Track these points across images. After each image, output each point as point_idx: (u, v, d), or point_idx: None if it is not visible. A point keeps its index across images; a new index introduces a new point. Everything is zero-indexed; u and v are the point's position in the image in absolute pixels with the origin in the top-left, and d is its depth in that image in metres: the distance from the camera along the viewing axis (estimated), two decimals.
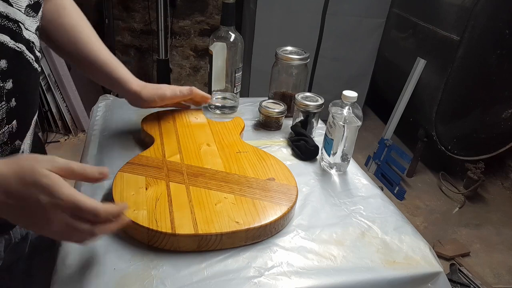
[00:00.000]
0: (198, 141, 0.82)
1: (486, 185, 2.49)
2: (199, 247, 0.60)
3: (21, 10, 0.55)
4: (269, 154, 0.80)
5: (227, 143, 0.83)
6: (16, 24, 0.54)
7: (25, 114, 0.60)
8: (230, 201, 0.66)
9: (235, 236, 0.61)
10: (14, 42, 0.54)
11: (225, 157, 0.78)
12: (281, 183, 0.72)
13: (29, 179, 0.46)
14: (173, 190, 0.67)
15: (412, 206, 2.26)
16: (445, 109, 2.19)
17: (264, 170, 0.75)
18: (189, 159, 0.76)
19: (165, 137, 0.82)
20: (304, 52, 1.01)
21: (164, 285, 0.55)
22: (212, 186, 0.69)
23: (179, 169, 0.72)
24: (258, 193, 0.68)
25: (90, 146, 0.85)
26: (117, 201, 0.63)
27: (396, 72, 2.57)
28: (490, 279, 1.82)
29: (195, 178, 0.71)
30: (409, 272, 0.62)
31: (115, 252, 0.59)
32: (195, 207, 0.64)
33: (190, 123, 0.89)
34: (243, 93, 1.27)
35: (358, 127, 0.80)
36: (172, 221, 0.60)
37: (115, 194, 0.65)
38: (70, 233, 0.49)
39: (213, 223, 0.61)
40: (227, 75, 0.98)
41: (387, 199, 0.79)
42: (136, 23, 2.97)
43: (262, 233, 0.63)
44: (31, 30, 0.58)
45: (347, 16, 2.47)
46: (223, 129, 0.88)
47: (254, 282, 0.57)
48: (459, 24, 2.00)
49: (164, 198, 0.65)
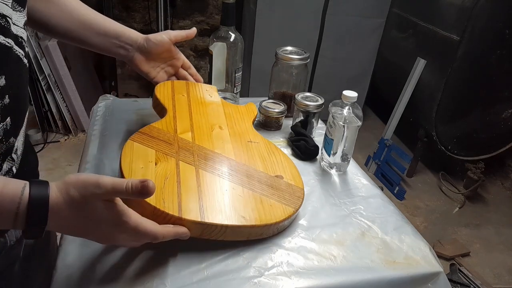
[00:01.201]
0: (211, 121, 0.81)
1: (486, 185, 2.49)
2: (202, 234, 0.59)
3: (8, 5, 0.54)
4: (280, 150, 0.79)
5: (239, 129, 0.81)
6: (4, 19, 0.53)
7: (18, 110, 0.60)
8: (238, 192, 0.65)
9: (239, 230, 0.61)
10: (4, 38, 0.53)
11: (236, 144, 0.76)
12: (289, 182, 0.71)
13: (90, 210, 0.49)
14: (182, 171, 0.65)
15: (412, 206, 2.26)
16: (445, 109, 2.19)
17: (273, 166, 0.73)
18: (201, 140, 0.74)
19: (178, 110, 0.80)
20: (304, 52, 1.01)
21: (164, 285, 0.55)
22: (221, 174, 0.68)
23: (190, 149, 0.71)
24: (266, 190, 0.67)
25: (90, 146, 0.85)
26: (126, 172, 0.62)
27: (396, 72, 2.57)
28: (490, 279, 1.82)
29: (205, 161, 0.69)
30: (409, 272, 0.62)
31: (115, 252, 0.59)
32: (203, 192, 0.63)
33: (204, 100, 0.87)
34: (243, 93, 1.27)
35: (358, 127, 0.80)
36: (179, 204, 0.59)
37: (124, 165, 0.63)
38: (128, 245, 0.57)
39: (220, 213, 0.60)
40: (227, 75, 0.98)
41: (387, 199, 0.79)
42: (136, 23, 2.97)
43: (265, 232, 0.63)
44: (19, 25, 0.57)
45: (347, 16, 2.47)
46: (236, 113, 0.86)
47: (254, 282, 0.57)
48: (459, 24, 2.00)
49: (173, 177, 0.63)
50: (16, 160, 0.63)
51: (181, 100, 0.84)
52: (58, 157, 2.30)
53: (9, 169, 0.61)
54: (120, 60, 0.82)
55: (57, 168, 2.21)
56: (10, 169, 0.61)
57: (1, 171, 0.59)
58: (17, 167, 0.63)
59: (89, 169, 0.78)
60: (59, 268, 0.57)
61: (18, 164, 0.63)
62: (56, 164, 2.24)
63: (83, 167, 0.79)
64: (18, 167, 0.63)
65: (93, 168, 0.78)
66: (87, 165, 0.79)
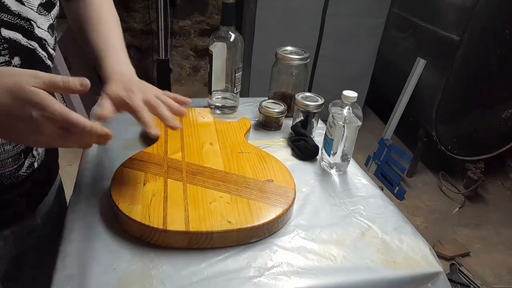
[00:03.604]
0: (201, 139, 0.82)
1: (486, 185, 2.49)
2: (190, 244, 0.60)
3: (33, 9, 0.56)
4: (271, 156, 0.80)
5: (230, 143, 0.83)
6: (28, 22, 0.56)
7: None
8: (225, 200, 0.66)
9: (226, 235, 0.61)
10: (27, 40, 0.56)
11: (227, 156, 0.77)
12: (279, 185, 0.71)
13: (20, 96, 0.46)
14: (170, 187, 0.67)
15: (412, 206, 2.26)
16: (445, 109, 2.19)
17: (264, 171, 0.74)
18: (190, 157, 0.76)
19: (170, 135, 0.82)
20: (304, 52, 1.01)
21: (164, 285, 0.55)
22: (209, 185, 0.69)
23: (178, 167, 0.73)
24: (254, 194, 0.68)
25: None
26: (114, 195, 0.64)
27: (396, 72, 2.57)
28: (490, 279, 1.82)
29: (193, 176, 0.71)
30: (409, 272, 0.62)
31: (115, 252, 0.59)
32: (189, 204, 0.64)
33: (196, 122, 0.89)
34: (243, 93, 1.27)
35: (358, 127, 0.80)
36: (164, 217, 0.61)
37: (113, 188, 0.65)
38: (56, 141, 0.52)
39: (205, 221, 0.61)
40: (227, 75, 0.98)
41: (387, 199, 0.79)
42: (136, 23, 2.97)
43: (254, 234, 0.63)
44: (43, 28, 0.59)
45: (347, 16, 2.47)
46: (228, 129, 0.88)
47: (254, 282, 0.57)
48: (459, 24, 2.00)
49: (160, 194, 0.65)
50: (38, 157, 0.67)
51: None
52: None
53: (31, 164, 0.65)
54: None
55: None
56: (31, 164, 0.65)
57: (23, 167, 0.63)
58: (39, 163, 0.67)
59: (89, 169, 0.78)
60: (59, 268, 0.57)
61: (41, 160, 0.68)
62: None
63: (83, 167, 0.79)
64: (40, 163, 0.68)
65: (93, 168, 0.78)
66: (87, 165, 0.79)
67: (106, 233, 0.63)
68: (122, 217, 0.62)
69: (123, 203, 0.62)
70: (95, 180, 0.74)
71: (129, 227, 0.62)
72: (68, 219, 0.66)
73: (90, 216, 0.66)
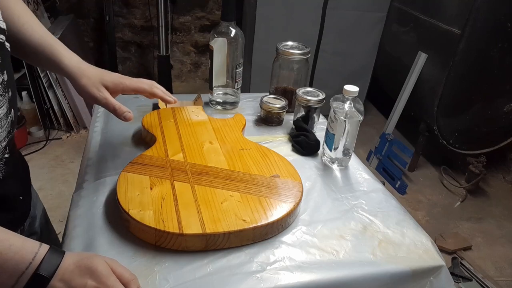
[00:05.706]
0: (200, 139, 0.82)
1: (488, 178, 2.49)
2: (207, 246, 0.60)
3: None
4: (272, 151, 0.80)
5: (229, 140, 0.82)
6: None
7: (16, 102, 0.62)
8: (236, 199, 0.65)
9: (242, 234, 0.61)
10: None
11: (228, 154, 0.77)
12: (285, 179, 0.71)
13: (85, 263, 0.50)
14: (178, 189, 0.66)
15: (413, 200, 2.26)
16: (446, 103, 2.19)
17: (268, 167, 0.74)
18: (193, 158, 0.76)
19: (167, 136, 0.82)
20: (305, 47, 1.00)
21: (167, 281, 0.55)
22: (217, 185, 0.68)
23: (183, 168, 0.72)
24: (263, 191, 0.68)
25: (92, 143, 0.85)
26: (122, 201, 0.63)
27: (397, 66, 2.56)
28: (492, 272, 1.82)
29: (199, 176, 0.70)
30: (411, 266, 0.62)
31: (118, 248, 0.60)
32: (201, 206, 0.63)
33: (191, 121, 0.89)
34: (244, 89, 1.27)
35: (360, 121, 0.80)
36: (179, 221, 0.60)
37: (120, 194, 0.64)
38: None
39: (220, 222, 0.60)
40: (228, 70, 0.98)
41: (388, 194, 0.79)
42: (137, 20, 2.96)
43: (269, 231, 0.63)
44: (2, 18, 0.58)
45: (348, 10, 2.46)
46: (224, 126, 0.88)
47: (256, 277, 0.57)
48: (461, 18, 1.99)
49: (170, 197, 0.64)
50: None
51: (169, 125, 0.86)
52: (61, 154, 2.30)
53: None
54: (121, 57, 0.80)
55: (60, 165, 2.22)
56: None
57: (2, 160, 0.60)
58: None
59: (91, 165, 0.78)
60: None
61: None
62: (59, 161, 2.24)
63: (85, 164, 0.79)
64: None
65: (95, 165, 0.78)
66: (89, 162, 0.79)
67: (109, 229, 0.63)
68: (134, 224, 0.60)
69: (133, 209, 0.61)
70: (97, 177, 0.75)
71: (143, 234, 0.61)
72: (71, 215, 0.66)
73: (92, 212, 0.66)
